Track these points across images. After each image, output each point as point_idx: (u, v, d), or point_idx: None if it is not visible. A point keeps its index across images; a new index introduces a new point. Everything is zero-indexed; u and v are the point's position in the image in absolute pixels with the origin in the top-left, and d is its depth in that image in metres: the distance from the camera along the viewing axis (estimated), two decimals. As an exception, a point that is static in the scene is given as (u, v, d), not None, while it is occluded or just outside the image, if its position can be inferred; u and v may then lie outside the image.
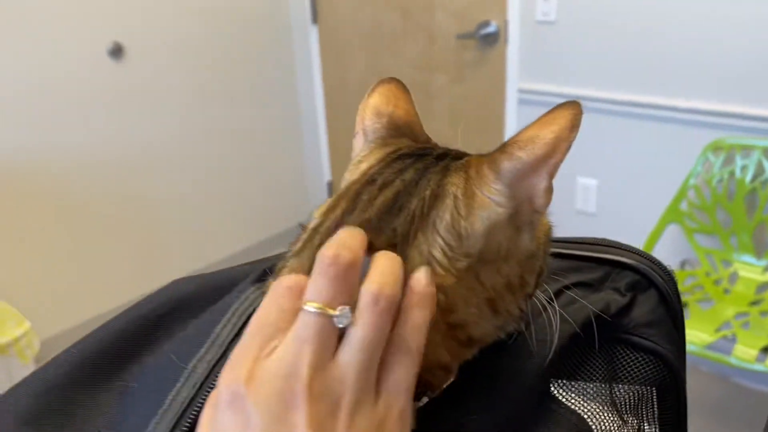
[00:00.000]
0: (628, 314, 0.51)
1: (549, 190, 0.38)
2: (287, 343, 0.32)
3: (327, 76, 3.04)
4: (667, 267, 0.54)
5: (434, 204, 0.37)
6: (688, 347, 1.83)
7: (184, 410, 0.36)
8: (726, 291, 2.05)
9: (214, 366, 0.37)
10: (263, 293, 0.41)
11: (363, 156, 0.44)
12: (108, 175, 2.45)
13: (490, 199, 0.37)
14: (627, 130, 2.24)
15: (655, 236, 2.13)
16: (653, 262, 0.54)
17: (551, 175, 0.38)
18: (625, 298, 0.52)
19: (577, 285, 0.53)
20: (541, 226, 0.43)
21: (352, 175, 0.43)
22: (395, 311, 0.34)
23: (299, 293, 0.33)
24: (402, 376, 0.34)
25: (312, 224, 0.41)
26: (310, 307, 0.32)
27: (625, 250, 0.55)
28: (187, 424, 0.35)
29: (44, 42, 2.19)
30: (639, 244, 2.13)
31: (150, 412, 0.36)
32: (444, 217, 0.37)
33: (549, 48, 2.34)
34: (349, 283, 0.33)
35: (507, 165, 0.37)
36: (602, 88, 2.25)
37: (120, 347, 0.43)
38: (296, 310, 0.33)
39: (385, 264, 0.35)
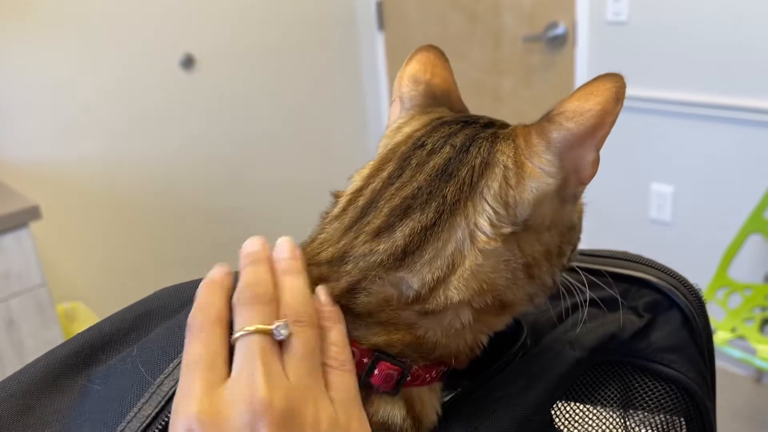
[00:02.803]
0: (645, 338, 0.47)
1: (596, 161, 0.39)
2: (237, 366, 0.33)
3: (393, 83, 3.04)
4: (694, 285, 0.49)
5: (484, 172, 0.39)
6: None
7: (145, 428, 0.35)
8: (815, 307, 1.89)
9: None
10: None
11: (402, 122, 0.45)
12: (181, 182, 2.54)
13: (541, 170, 0.38)
14: (705, 134, 2.11)
15: (735, 247, 1.99)
16: (677, 280, 0.49)
17: (598, 147, 0.39)
18: (643, 319, 0.47)
19: (590, 302, 0.49)
20: (578, 204, 0.44)
21: (391, 139, 0.44)
22: (317, 324, 0.36)
23: (217, 319, 0.35)
24: (344, 384, 0.34)
25: (353, 187, 0.42)
26: (246, 330, 0.33)
27: (646, 265, 0.50)
28: None
29: (120, 55, 2.29)
30: (718, 255, 2.00)
31: (109, 421, 0.36)
32: (492, 186, 0.38)
33: (620, 49, 2.24)
34: (274, 305, 0.35)
35: (556, 135, 0.38)
36: (678, 90, 2.13)
37: (93, 348, 0.43)
38: (221, 335, 0.34)
39: (291, 285, 0.37)
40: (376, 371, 0.38)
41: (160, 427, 0.35)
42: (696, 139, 2.13)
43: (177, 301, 0.45)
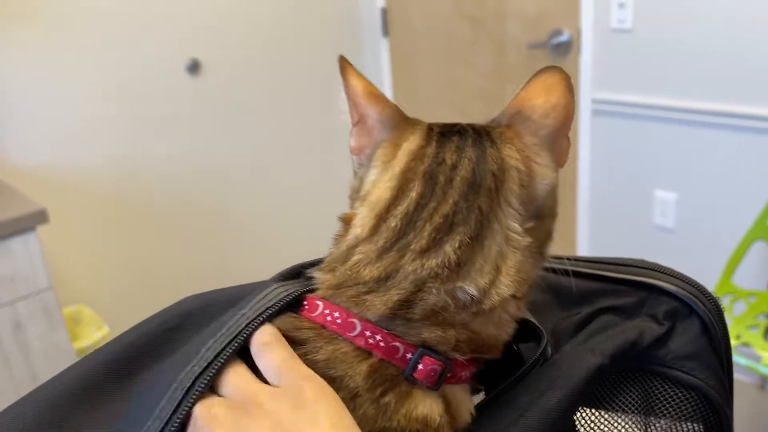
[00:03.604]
0: (665, 345, 0.48)
1: (569, 146, 0.46)
2: None
3: (397, 89, 3.05)
4: (712, 293, 0.50)
5: (504, 179, 0.43)
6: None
7: (165, 425, 0.36)
8: (820, 315, 1.89)
9: (197, 377, 0.37)
10: (293, 290, 0.43)
11: (395, 137, 0.46)
12: (186, 187, 2.55)
13: (546, 167, 0.44)
14: (709, 141, 2.12)
15: (739, 254, 1.99)
16: (696, 288, 0.50)
17: (567, 134, 0.45)
18: (662, 327, 0.48)
19: (609, 310, 0.50)
20: None
21: (392, 156, 0.45)
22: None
23: None
24: (272, 362, 0.38)
25: (375, 209, 0.43)
26: None
27: (665, 273, 0.51)
28: None
29: (126, 59, 2.30)
30: (722, 262, 2.01)
31: (141, 425, 0.37)
32: (513, 189, 0.43)
33: (624, 56, 2.25)
34: None
35: (545, 132, 0.44)
36: (682, 98, 2.14)
37: (126, 361, 0.43)
38: None
39: None
40: (420, 366, 0.39)
41: (176, 423, 0.36)
42: (699, 146, 2.14)
43: (206, 314, 0.45)
